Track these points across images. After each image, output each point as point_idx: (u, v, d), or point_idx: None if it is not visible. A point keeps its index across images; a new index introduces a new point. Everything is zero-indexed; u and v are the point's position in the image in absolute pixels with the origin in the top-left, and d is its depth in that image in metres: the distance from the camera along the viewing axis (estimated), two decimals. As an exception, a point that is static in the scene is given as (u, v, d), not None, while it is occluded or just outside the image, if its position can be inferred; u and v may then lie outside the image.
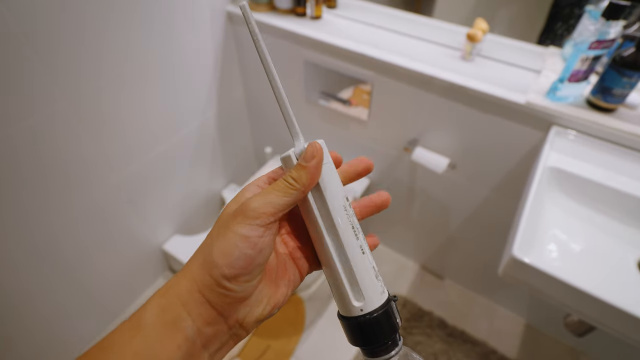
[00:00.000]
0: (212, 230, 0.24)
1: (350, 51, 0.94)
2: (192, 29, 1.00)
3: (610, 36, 0.67)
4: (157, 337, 0.20)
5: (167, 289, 0.22)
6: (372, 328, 0.23)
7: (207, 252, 0.22)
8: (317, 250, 0.25)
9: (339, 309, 0.25)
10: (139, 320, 0.21)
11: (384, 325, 0.24)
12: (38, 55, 0.71)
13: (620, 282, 0.61)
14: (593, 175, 0.69)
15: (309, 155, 0.23)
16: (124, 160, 1.00)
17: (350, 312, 0.24)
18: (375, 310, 0.23)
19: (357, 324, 0.24)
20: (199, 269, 0.22)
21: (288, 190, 0.23)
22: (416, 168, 1.09)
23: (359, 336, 0.24)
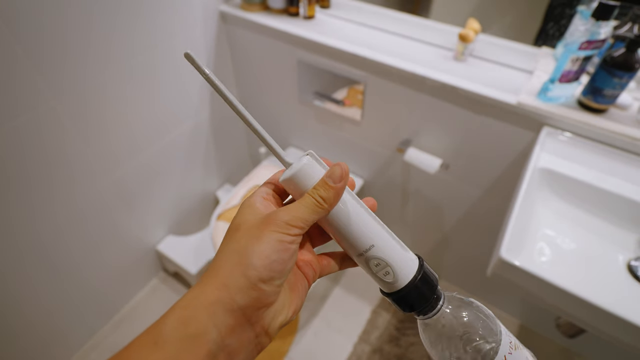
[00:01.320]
0: (235, 237, 0.24)
1: (342, 51, 0.94)
2: (184, 28, 1.00)
3: (601, 36, 0.66)
4: (177, 354, 0.19)
5: (190, 300, 0.21)
6: (418, 293, 0.26)
7: (240, 256, 0.22)
8: (349, 247, 0.27)
9: (383, 289, 0.27)
10: (157, 335, 0.20)
11: (426, 286, 0.26)
12: (28, 55, 0.71)
13: (610, 284, 0.61)
14: (583, 176, 0.69)
15: (338, 176, 0.24)
16: (116, 160, 0.99)
17: (395, 288, 0.26)
18: (414, 277, 0.26)
19: (403, 296, 0.26)
20: (231, 273, 0.22)
21: (316, 209, 0.24)
22: (409, 168, 1.09)
23: (409, 305, 0.26)
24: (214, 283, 0.22)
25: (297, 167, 0.25)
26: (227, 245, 0.23)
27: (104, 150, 0.95)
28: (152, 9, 0.89)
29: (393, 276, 0.26)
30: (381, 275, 0.26)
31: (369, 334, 1.23)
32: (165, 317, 0.21)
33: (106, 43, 0.83)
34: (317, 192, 0.24)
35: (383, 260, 0.26)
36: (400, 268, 0.26)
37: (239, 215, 0.25)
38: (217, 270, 0.22)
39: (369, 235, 0.26)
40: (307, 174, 0.25)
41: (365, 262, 0.26)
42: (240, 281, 0.21)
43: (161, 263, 1.35)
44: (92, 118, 0.88)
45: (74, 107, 0.83)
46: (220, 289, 0.21)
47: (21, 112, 0.74)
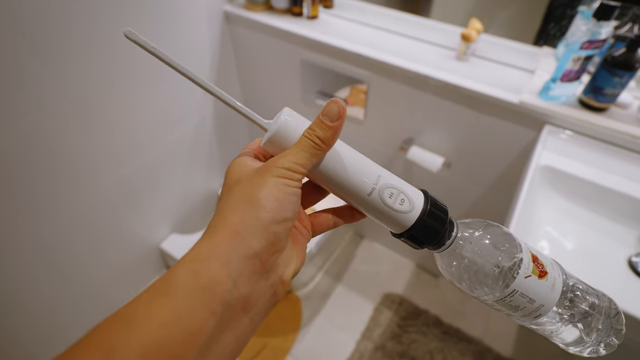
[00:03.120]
0: (234, 190, 0.22)
1: (346, 51, 0.95)
2: (188, 28, 1.01)
3: (602, 36, 0.67)
4: (189, 304, 0.18)
5: (200, 251, 0.20)
6: (435, 218, 0.25)
7: (249, 202, 0.21)
8: (353, 189, 0.25)
9: (397, 228, 0.25)
10: (167, 287, 0.19)
11: (439, 210, 0.25)
12: (37, 55, 0.71)
13: (611, 280, 0.62)
14: (585, 174, 0.70)
15: (335, 114, 0.23)
16: (120, 159, 1.00)
17: (412, 219, 0.24)
18: (425, 203, 0.25)
19: (423, 225, 0.25)
20: (242, 219, 0.20)
21: (315, 150, 0.23)
22: (412, 167, 1.10)
23: (431, 232, 0.25)
24: (224, 232, 0.20)
25: (278, 124, 0.23)
26: (230, 197, 0.22)
27: (109, 149, 0.96)
28: (157, 9, 0.90)
29: (409, 203, 0.24)
30: (397, 206, 0.24)
31: (372, 331, 1.24)
32: (175, 269, 0.19)
33: (111, 42, 0.84)
34: (314, 133, 0.23)
35: (395, 187, 0.24)
36: (412, 193, 0.25)
37: (233, 173, 0.24)
38: (224, 219, 0.21)
39: (372, 168, 0.24)
40: (291, 129, 0.23)
41: (377, 198, 0.24)
42: (253, 225, 0.20)
43: (164, 261, 1.36)
44: (96, 117, 0.89)
45: (79, 106, 0.84)
46: (232, 236, 0.20)
47: (28, 111, 0.75)
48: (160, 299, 0.18)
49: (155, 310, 0.18)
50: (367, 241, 1.50)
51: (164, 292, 0.19)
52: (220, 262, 0.19)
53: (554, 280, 0.25)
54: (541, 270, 0.24)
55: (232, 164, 0.25)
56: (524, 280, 0.24)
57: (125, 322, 0.18)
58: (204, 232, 0.22)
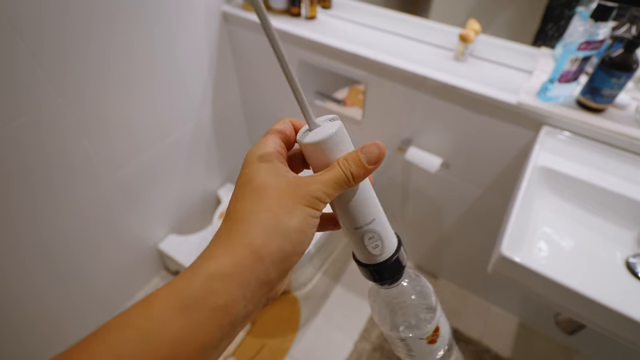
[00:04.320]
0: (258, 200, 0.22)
1: (343, 51, 0.95)
2: (186, 28, 1.01)
3: (599, 37, 0.67)
4: (203, 321, 0.19)
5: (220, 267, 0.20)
6: (393, 267, 0.28)
7: (276, 229, 0.21)
8: (351, 219, 0.26)
9: (362, 258, 0.28)
10: (184, 301, 0.19)
11: (400, 261, 0.28)
12: (34, 56, 0.71)
13: (609, 280, 0.62)
14: (582, 174, 0.70)
15: (374, 158, 0.23)
16: (119, 159, 1.00)
17: (375, 260, 0.27)
18: (394, 252, 0.27)
19: (382, 268, 0.27)
20: (266, 244, 0.21)
21: (344, 185, 0.23)
22: (410, 167, 1.10)
23: (382, 276, 0.28)
24: (246, 251, 0.20)
25: (329, 132, 0.23)
26: (256, 212, 0.22)
27: (106, 150, 0.95)
28: (154, 9, 0.90)
29: (381, 249, 0.27)
30: (370, 247, 0.26)
31: (370, 332, 1.24)
32: (192, 281, 0.20)
33: (108, 42, 0.84)
34: (350, 168, 0.23)
35: (378, 234, 0.26)
36: (388, 243, 0.27)
37: (258, 172, 0.23)
38: (246, 234, 0.21)
39: (374, 209, 0.26)
40: (339, 143, 0.24)
41: (360, 235, 0.26)
42: (276, 255, 0.21)
43: (163, 262, 1.36)
44: (94, 118, 0.89)
45: (76, 107, 0.83)
46: (255, 261, 0.20)
47: (26, 110, 0.75)
48: (176, 314, 0.19)
49: (170, 324, 0.18)
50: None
51: (182, 305, 0.19)
52: (239, 283, 0.20)
53: (437, 349, 0.30)
54: (433, 339, 0.30)
55: (260, 156, 0.24)
56: (417, 339, 0.29)
57: (138, 333, 0.18)
58: (220, 233, 0.22)
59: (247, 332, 1.23)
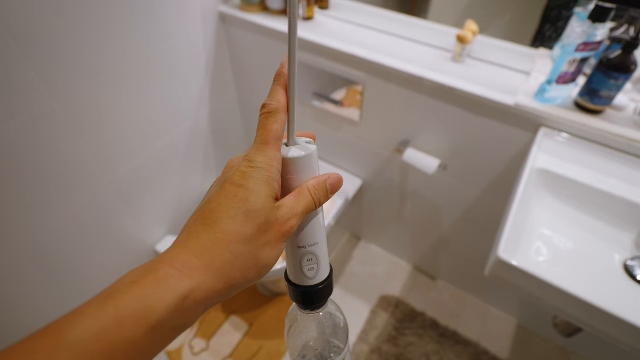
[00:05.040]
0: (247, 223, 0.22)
1: (341, 52, 0.94)
2: (184, 28, 1.00)
3: (597, 38, 0.67)
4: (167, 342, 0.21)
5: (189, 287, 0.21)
6: (322, 293, 0.28)
7: (254, 262, 0.22)
8: (296, 238, 0.27)
9: (294, 278, 0.28)
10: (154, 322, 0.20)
11: (328, 290, 0.29)
12: (26, 57, 0.71)
13: (606, 283, 0.62)
14: (580, 176, 0.70)
15: (336, 189, 0.26)
16: (115, 160, 0.99)
17: (307, 282, 0.28)
18: (326, 279, 0.28)
19: (311, 292, 0.28)
20: (238, 272, 0.22)
21: (310, 210, 0.25)
22: (408, 169, 1.10)
23: (309, 299, 0.28)
24: (215, 275, 0.21)
25: (307, 152, 0.25)
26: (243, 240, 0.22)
27: (102, 151, 0.95)
28: (152, 9, 0.89)
29: (315, 273, 0.27)
30: (305, 269, 0.27)
31: (368, 334, 1.23)
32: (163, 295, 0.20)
33: (103, 43, 0.83)
34: (319, 197, 0.25)
35: (317, 258, 0.27)
36: (323, 268, 0.28)
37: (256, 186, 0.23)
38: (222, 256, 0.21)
39: (320, 233, 0.27)
40: (310, 164, 0.25)
41: (300, 254, 0.27)
42: (241, 281, 0.22)
43: (160, 263, 1.35)
44: (89, 118, 0.88)
45: (71, 107, 0.83)
46: (223, 288, 0.22)
47: (19, 111, 0.74)
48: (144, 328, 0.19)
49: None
50: (364, 243, 1.50)
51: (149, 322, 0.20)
52: (204, 306, 0.21)
53: None
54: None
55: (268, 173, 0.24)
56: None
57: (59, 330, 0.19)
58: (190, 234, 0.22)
59: (245, 334, 1.23)
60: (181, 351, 1.19)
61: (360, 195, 1.30)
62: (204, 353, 1.18)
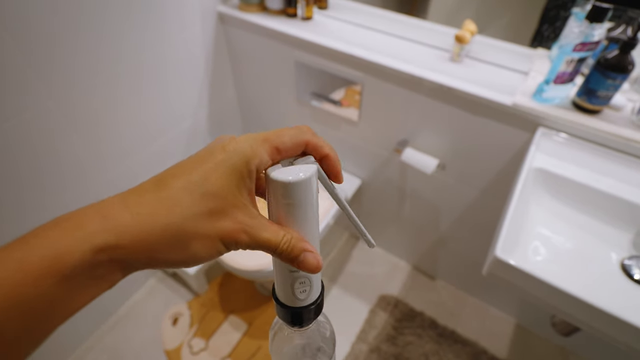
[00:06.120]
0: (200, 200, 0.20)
1: (340, 52, 0.94)
2: (183, 29, 1.00)
3: (595, 38, 0.67)
4: (80, 291, 0.18)
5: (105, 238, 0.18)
6: (311, 314, 0.27)
7: (183, 241, 0.20)
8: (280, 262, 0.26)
9: (284, 299, 0.26)
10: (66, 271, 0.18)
11: (318, 310, 0.27)
12: (25, 55, 0.71)
13: (604, 282, 0.62)
14: (578, 176, 0.70)
15: (306, 267, 0.23)
16: (114, 159, 0.99)
17: (297, 304, 0.26)
18: (315, 300, 0.27)
19: (301, 313, 0.26)
20: (163, 249, 0.19)
21: (270, 249, 0.22)
22: (406, 169, 1.10)
23: (298, 319, 0.27)
24: (141, 243, 0.19)
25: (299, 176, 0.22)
26: (185, 217, 0.20)
27: (98, 152, 0.95)
28: (150, 10, 0.89)
29: (307, 294, 0.26)
30: (297, 292, 0.25)
31: (367, 334, 1.23)
32: (73, 250, 0.18)
33: (101, 43, 0.83)
34: (286, 254, 0.22)
35: (310, 281, 0.25)
36: (315, 290, 0.26)
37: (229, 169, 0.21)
38: (155, 229, 0.19)
39: None
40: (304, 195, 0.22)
41: (292, 278, 0.25)
42: (162, 259, 0.20)
43: (159, 263, 1.35)
44: (86, 119, 0.88)
45: (66, 108, 0.83)
46: (142, 254, 0.19)
47: (16, 112, 0.74)
48: (55, 280, 0.18)
49: (45, 289, 0.17)
50: (363, 242, 1.50)
51: (61, 276, 0.18)
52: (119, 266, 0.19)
53: None
54: None
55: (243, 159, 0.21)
56: None
57: None
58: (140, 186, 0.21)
59: (244, 334, 1.23)
60: (180, 350, 1.19)
61: (359, 194, 1.30)
62: (203, 352, 1.18)
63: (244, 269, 1.00)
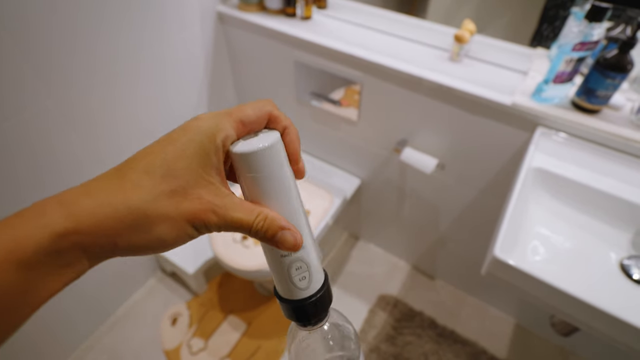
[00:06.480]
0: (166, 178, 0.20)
1: (339, 52, 0.94)
2: (182, 28, 1.00)
3: (594, 38, 0.67)
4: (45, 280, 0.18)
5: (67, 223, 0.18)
6: (320, 303, 0.25)
7: (146, 223, 0.19)
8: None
9: (284, 293, 0.25)
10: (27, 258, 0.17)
11: (327, 300, 0.25)
12: (24, 54, 0.71)
13: (603, 282, 0.62)
14: (577, 176, 0.70)
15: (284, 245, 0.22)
16: (113, 159, 0.99)
17: (299, 295, 0.24)
18: (320, 289, 0.25)
19: (306, 305, 0.24)
20: (127, 233, 0.19)
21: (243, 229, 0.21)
22: (406, 168, 1.10)
23: (306, 314, 0.25)
24: (102, 228, 0.19)
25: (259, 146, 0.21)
26: (146, 199, 0.19)
27: (99, 150, 0.95)
28: (149, 9, 0.89)
29: (307, 282, 0.24)
30: (295, 280, 0.24)
31: (366, 333, 1.23)
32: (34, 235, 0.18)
33: (102, 42, 0.83)
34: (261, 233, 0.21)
35: (307, 264, 0.24)
36: (316, 275, 0.24)
37: (191, 141, 0.20)
38: (115, 212, 0.19)
39: (304, 235, 0.23)
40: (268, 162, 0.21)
41: (286, 264, 0.23)
42: (124, 244, 0.19)
43: (158, 263, 1.35)
44: (84, 118, 0.88)
45: (65, 108, 0.83)
46: (105, 239, 0.19)
47: (15, 111, 0.74)
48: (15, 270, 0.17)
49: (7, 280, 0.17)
50: (363, 242, 1.50)
51: (21, 263, 0.17)
52: (83, 250, 0.19)
53: None
54: None
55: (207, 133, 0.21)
56: None
57: None
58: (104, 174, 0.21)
59: (243, 334, 1.23)
60: (179, 351, 1.19)
61: (358, 194, 1.30)
62: (202, 352, 1.18)
63: (243, 269, 1.00)
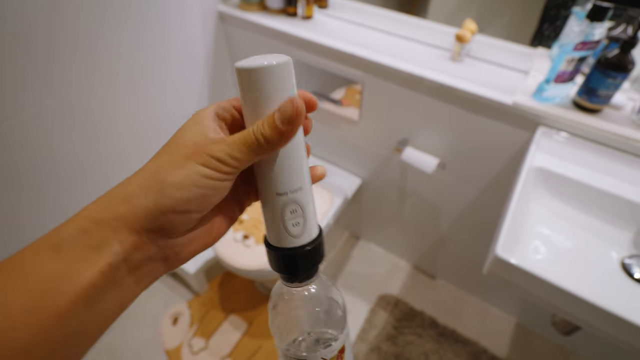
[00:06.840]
0: (163, 155, 0.21)
1: (340, 51, 0.94)
2: (183, 28, 1.00)
3: (595, 37, 0.67)
4: (76, 264, 0.18)
5: (94, 211, 0.20)
6: (311, 256, 0.24)
7: (155, 181, 0.20)
8: (275, 181, 0.23)
9: (274, 240, 0.24)
10: (57, 242, 0.19)
11: (319, 253, 0.24)
12: (25, 54, 0.71)
13: (604, 281, 0.62)
14: (578, 175, 0.70)
15: (287, 118, 0.20)
16: (113, 159, 0.99)
17: (290, 243, 0.23)
18: (314, 239, 0.24)
19: (295, 255, 0.23)
20: (141, 193, 0.20)
21: (256, 149, 0.21)
22: (407, 168, 1.10)
23: (296, 265, 0.24)
24: (122, 196, 0.20)
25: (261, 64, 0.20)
26: (152, 162, 0.22)
27: (99, 150, 0.95)
28: (150, 9, 0.89)
29: (301, 229, 0.23)
30: (288, 224, 0.23)
31: (367, 333, 1.23)
32: (67, 224, 0.19)
33: (102, 42, 0.83)
34: (261, 131, 0.20)
35: (302, 208, 0.23)
36: (310, 224, 0.23)
37: (183, 128, 0.22)
38: (126, 185, 0.21)
39: (303, 177, 0.23)
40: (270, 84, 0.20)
41: (281, 204, 0.22)
42: (149, 207, 0.20)
43: (159, 263, 1.35)
44: (85, 118, 0.88)
45: (65, 108, 0.83)
46: (127, 206, 0.20)
47: (15, 112, 0.74)
48: (49, 253, 0.18)
49: (43, 264, 0.18)
50: (363, 242, 1.50)
51: (53, 245, 0.19)
52: (111, 227, 0.19)
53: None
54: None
55: (194, 115, 0.23)
56: (317, 357, 0.24)
57: (10, 273, 0.18)
58: (123, 182, 0.22)
59: (244, 333, 1.23)
60: (180, 350, 1.19)
61: (359, 194, 1.30)
62: (203, 352, 1.18)
63: (244, 268, 1.00)
